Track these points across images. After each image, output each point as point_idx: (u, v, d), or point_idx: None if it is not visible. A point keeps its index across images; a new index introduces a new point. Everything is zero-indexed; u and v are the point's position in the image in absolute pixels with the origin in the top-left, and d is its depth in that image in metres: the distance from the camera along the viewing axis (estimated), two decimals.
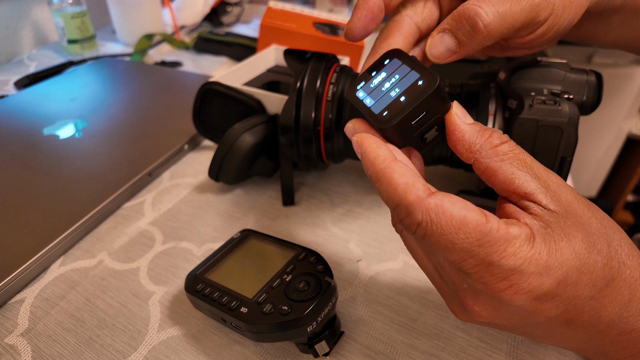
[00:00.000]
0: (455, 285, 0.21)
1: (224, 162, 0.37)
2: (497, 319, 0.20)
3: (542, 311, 0.19)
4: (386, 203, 0.20)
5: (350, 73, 0.36)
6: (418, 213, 0.18)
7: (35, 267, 0.31)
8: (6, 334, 0.28)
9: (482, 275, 0.18)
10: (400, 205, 0.19)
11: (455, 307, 0.22)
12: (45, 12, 0.78)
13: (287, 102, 0.34)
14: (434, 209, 0.18)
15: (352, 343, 0.27)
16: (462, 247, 0.18)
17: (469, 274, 0.19)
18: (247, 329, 0.24)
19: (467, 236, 0.18)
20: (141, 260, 0.33)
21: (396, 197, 0.19)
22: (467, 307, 0.20)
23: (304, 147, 0.35)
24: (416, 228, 0.19)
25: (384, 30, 0.27)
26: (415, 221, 0.19)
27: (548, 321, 0.20)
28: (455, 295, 0.21)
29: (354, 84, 0.24)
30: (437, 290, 0.24)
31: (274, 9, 0.62)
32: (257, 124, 0.38)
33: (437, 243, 0.19)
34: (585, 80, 0.30)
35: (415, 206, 0.18)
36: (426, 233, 0.19)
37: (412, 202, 0.18)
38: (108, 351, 0.27)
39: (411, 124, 0.21)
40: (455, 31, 0.24)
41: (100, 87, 0.57)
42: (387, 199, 0.20)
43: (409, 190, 0.19)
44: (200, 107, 0.42)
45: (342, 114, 0.34)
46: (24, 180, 0.39)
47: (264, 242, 0.30)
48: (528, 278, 0.18)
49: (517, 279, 0.18)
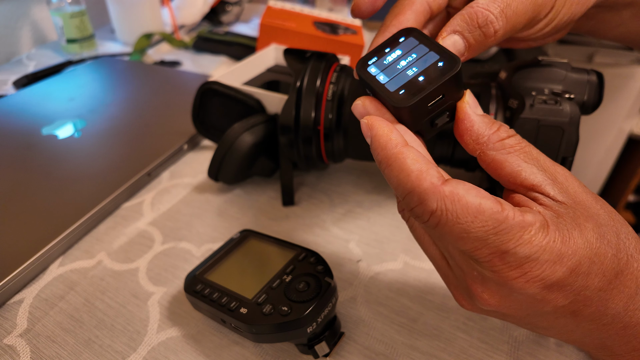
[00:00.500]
0: (463, 273, 0.20)
1: (223, 162, 0.37)
2: (504, 307, 0.20)
3: (551, 301, 0.19)
4: (396, 190, 0.19)
5: (351, 73, 0.36)
6: (432, 201, 0.18)
7: (34, 267, 0.31)
8: (5, 334, 0.28)
9: (495, 263, 0.18)
10: (412, 193, 0.18)
11: (461, 295, 0.22)
12: (44, 12, 0.78)
13: (287, 102, 0.34)
14: (449, 196, 0.18)
15: (352, 344, 0.27)
16: (477, 236, 0.18)
17: (480, 263, 0.19)
18: (246, 329, 0.24)
19: (483, 224, 0.18)
20: (140, 261, 0.33)
21: (408, 184, 0.18)
22: (474, 294, 0.20)
23: (303, 146, 0.35)
24: (429, 217, 0.18)
25: (395, 7, 0.27)
26: (429, 209, 0.18)
27: (555, 311, 0.20)
28: (462, 283, 0.21)
29: (365, 59, 0.23)
30: (442, 278, 0.23)
31: (274, 8, 0.62)
32: (257, 124, 0.37)
33: (450, 232, 0.18)
34: (587, 80, 0.29)
35: (430, 194, 0.18)
36: (440, 222, 0.18)
37: (426, 190, 0.18)
38: (107, 352, 0.27)
39: (427, 106, 0.20)
40: (466, 34, 0.24)
41: (99, 86, 0.57)
42: (398, 186, 0.19)
43: (422, 177, 0.18)
44: (199, 106, 0.42)
45: (343, 114, 0.34)
46: (23, 180, 0.39)
47: (264, 243, 0.30)
48: (542, 266, 0.18)
49: (531, 267, 0.18)
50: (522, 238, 0.18)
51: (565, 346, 0.27)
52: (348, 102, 0.34)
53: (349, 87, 0.34)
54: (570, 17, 0.26)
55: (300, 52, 0.36)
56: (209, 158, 0.45)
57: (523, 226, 0.18)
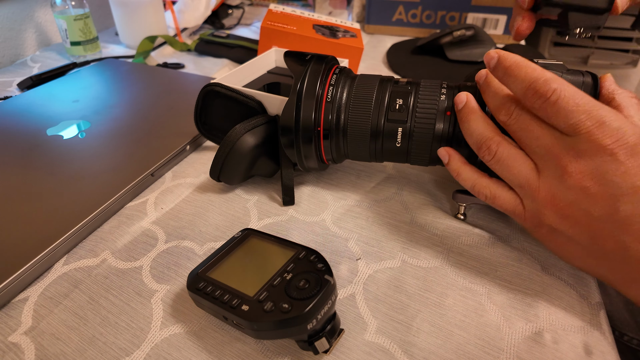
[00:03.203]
0: (557, 157, 0.27)
1: (225, 163, 0.38)
2: (590, 187, 0.25)
3: (632, 174, 0.24)
4: (521, 83, 0.27)
5: (350, 74, 0.36)
6: (555, 82, 0.26)
7: (39, 265, 0.32)
8: (10, 332, 0.28)
9: (594, 132, 0.25)
10: (538, 79, 0.26)
11: (543, 185, 0.28)
12: (48, 14, 0.79)
13: (287, 104, 0.34)
14: (565, 82, 0.26)
15: (352, 340, 0.28)
16: (585, 109, 0.25)
17: (581, 135, 0.25)
18: (248, 326, 0.25)
19: (589, 102, 0.25)
20: (144, 259, 0.34)
21: (535, 74, 0.27)
22: (567, 172, 0.26)
23: (304, 147, 0.35)
24: (552, 93, 0.26)
25: None
26: (552, 87, 0.26)
27: (635, 192, 0.24)
28: (551, 165, 0.27)
29: None
30: (520, 175, 0.29)
31: (275, 11, 0.63)
32: (258, 125, 0.38)
33: (565, 106, 0.25)
34: (582, 82, 0.30)
35: (553, 78, 0.26)
36: (560, 96, 0.25)
37: (551, 76, 0.26)
38: (111, 349, 0.27)
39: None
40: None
41: (103, 88, 0.57)
42: (525, 77, 0.27)
43: (545, 71, 0.27)
44: (201, 108, 0.43)
45: (342, 115, 0.34)
46: (28, 180, 0.40)
47: (265, 241, 0.31)
48: (629, 137, 0.24)
49: (622, 135, 0.24)
50: (615, 116, 0.25)
51: (561, 343, 0.27)
52: (347, 104, 0.34)
53: (348, 88, 0.35)
54: None
55: (301, 55, 0.36)
56: (211, 158, 0.45)
57: (617, 113, 0.25)
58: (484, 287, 0.31)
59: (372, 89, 0.34)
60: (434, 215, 0.38)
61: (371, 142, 0.35)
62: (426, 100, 0.33)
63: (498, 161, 0.29)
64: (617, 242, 0.25)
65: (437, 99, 0.33)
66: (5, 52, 0.73)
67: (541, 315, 0.29)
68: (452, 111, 0.32)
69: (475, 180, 0.32)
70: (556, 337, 0.27)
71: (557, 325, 0.28)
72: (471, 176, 0.32)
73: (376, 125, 0.34)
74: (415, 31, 0.81)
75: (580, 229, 0.27)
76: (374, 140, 0.34)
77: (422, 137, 0.33)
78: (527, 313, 0.29)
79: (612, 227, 0.25)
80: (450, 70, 0.67)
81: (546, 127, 0.27)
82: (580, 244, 0.27)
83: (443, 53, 0.70)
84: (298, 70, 0.35)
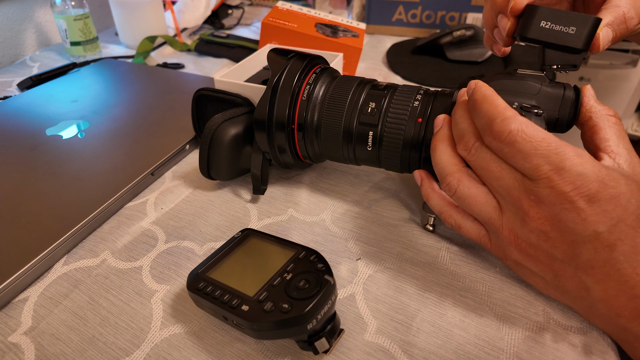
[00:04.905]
0: (518, 201, 0.25)
1: (210, 156, 0.38)
2: (552, 229, 0.25)
3: (592, 222, 0.23)
4: (482, 119, 0.26)
5: (333, 74, 0.36)
6: (513, 123, 0.24)
7: (39, 266, 0.32)
8: (10, 332, 0.28)
9: (553, 178, 0.23)
10: (497, 118, 0.25)
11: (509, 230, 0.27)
12: (48, 14, 0.79)
13: (262, 97, 0.34)
14: (525, 122, 0.24)
15: (352, 340, 0.28)
16: (543, 153, 0.23)
17: (540, 181, 0.24)
18: (248, 326, 0.25)
19: (549, 144, 0.23)
20: (144, 259, 0.34)
21: (495, 111, 0.25)
22: (528, 216, 0.25)
23: (278, 142, 0.35)
24: (508, 134, 0.24)
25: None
26: (509, 129, 0.24)
27: (594, 239, 0.24)
28: (512, 207, 0.26)
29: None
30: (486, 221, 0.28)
31: (281, 8, 0.63)
32: (238, 115, 0.38)
33: (521, 149, 0.24)
34: (562, 95, 0.29)
35: (512, 118, 0.25)
36: (516, 139, 0.24)
37: (510, 116, 0.25)
38: (111, 349, 0.27)
39: None
40: (615, 27, 0.30)
41: (103, 88, 0.57)
42: (486, 114, 0.26)
43: (507, 109, 0.25)
44: (197, 114, 0.43)
45: (316, 114, 0.34)
46: (28, 180, 0.40)
47: (265, 241, 0.31)
48: (590, 184, 0.23)
49: (582, 182, 0.23)
50: (577, 159, 0.23)
51: (561, 342, 0.27)
52: (323, 103, 0.34)
53: (325, 88, 0.35)
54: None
55: (284, 52, 0.36)
56: None
57: (580, 153, 0.23)
58: (484, 287, 0.31)
59: (348, 90, 0.34)
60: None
61: (344, 144, 0.34)
62: (398, 105, 0.32)
63: (459, 198, 0.29)
64: (579, 282, 0.26)
65: (409, 104, 0.32)
66: (5, 52, 0.73)
67: (541, 315, 0.29)
68: (424, 118, 0.32)
69: (442, 208, 0.31)
70: (556, 337, 0.27)
71: (557, 325, 0.28)
72: (438, 203, 0.31)
73: (348, 126, 0.34)
74: (415, 31, 0.81)
75: (544, 268, 0.27)
76: (347, 142, 0.34)
77: (391, 142, 0.32)
78: (527, 313, 0.29)
79: (574, 270, 0.25)
80: (450, 70, 0.67)
81: (507, 167, 0.26)
82: (544, 279, 0.27)
83: (443, 53, 0.70)
84: (277, 66, 0.35)
